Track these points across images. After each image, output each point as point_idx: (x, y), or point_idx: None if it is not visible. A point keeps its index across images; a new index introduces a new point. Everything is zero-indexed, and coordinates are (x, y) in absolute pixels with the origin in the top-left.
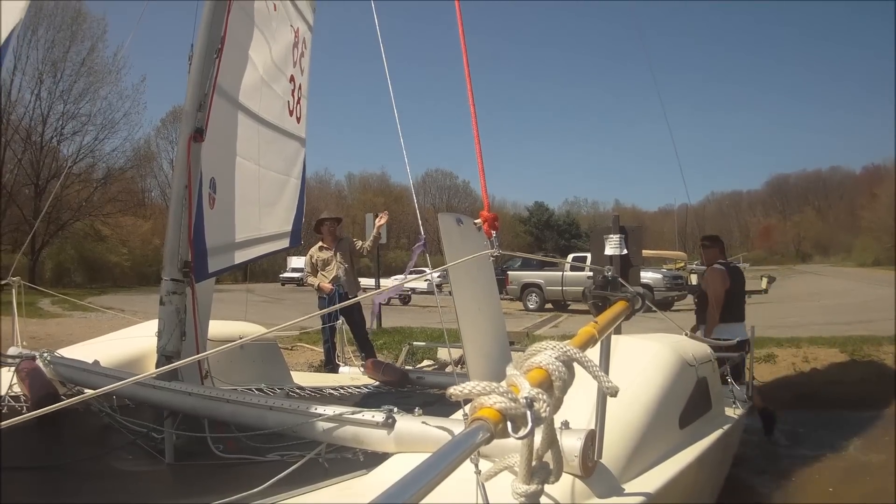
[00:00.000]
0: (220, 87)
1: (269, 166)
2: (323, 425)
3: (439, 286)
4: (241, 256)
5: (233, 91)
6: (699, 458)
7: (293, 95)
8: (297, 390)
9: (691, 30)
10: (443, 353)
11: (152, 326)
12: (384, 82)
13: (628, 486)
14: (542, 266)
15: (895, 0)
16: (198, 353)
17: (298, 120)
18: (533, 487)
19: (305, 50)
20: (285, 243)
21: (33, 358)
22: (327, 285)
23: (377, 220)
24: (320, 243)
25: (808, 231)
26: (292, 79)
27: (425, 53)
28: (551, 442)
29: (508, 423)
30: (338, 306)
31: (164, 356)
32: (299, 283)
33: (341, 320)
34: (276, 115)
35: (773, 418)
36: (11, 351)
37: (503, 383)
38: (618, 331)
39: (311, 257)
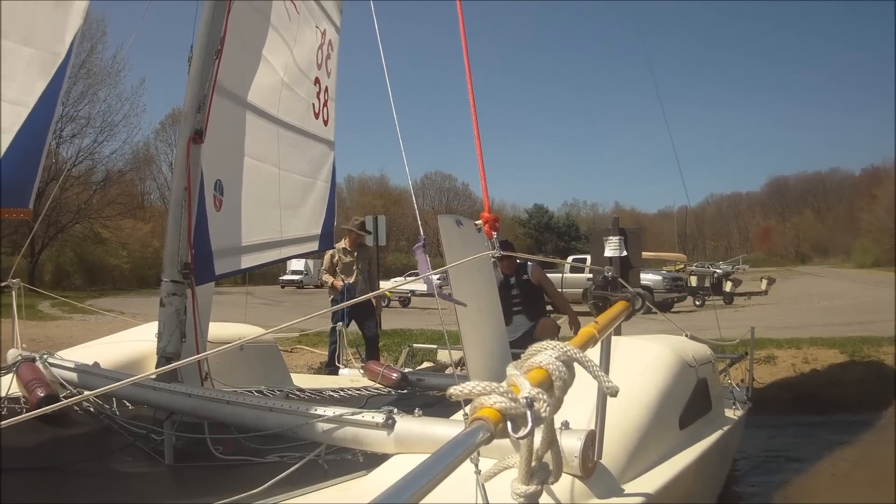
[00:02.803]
0: (225, 89)
1: (291, 169)
2: (323, 426)
3: (439, 287)
4: (258, 259)
5: (242, 92)
6: (699, 458)
7: (319, 98)
8: (297, 392)
9: (691, 31)
10: (443, 355)
11: (152, 329)
12: (383, 84)
13: (628, 487)
14: (541, 267)
15: (895, 0)
16: (198, 355)
17: (326, 123)
18: (532, 488)
19: (332, 52)
20: (314, 246)
21: (33, 360)
22: (339, 282)
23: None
24: (344, 246)
25: (807, 233)
26: (317, 81)
27: (424, 55)
28: (551, 442)
29: (508, 423)
30: (345, 304)
31: (164, 358)
32: (299, 285)
33: (343, 324)
34: (298, 117)
35: None
36: (11, 353)
37: (503, 383)
38: (618, 332)
39: (333, 257)
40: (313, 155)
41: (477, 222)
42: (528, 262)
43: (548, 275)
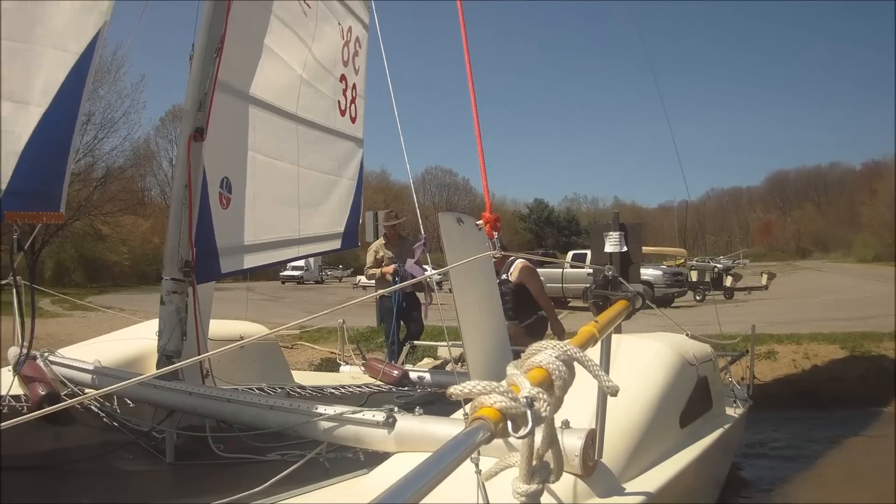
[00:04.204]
0: (232, 87)
1: (312, 166)
2: (324, 425)
3: (439, 283)
4: (272, 257)
5: (252, 90)
6: (700, 457)
7: (345, 95)
8: (298, 390)
9: (691, 27)
10: (443, 352)
11: (153, 326)
12: (383, 78)
13: (629, 486)
14: (541, 264)
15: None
16: (199, 353)
17: (354, 120)
18: (533, 487)
19: (360, 49)
20: (336, 244)
21: (34, 357)
22: (389, 268)
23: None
24: (383, 240)
25: (807, 227)
26: (343, 78)
27: (425, 49)
28: (552, 441)
29: (509, 423)
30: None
31: (165, 356)
32: (299, 281)
33: (342, 321)
34: (321, 114)
35: None
36: (12, 351)
37: (503, 383)
38: (618, 330)
39: (376, 252)
40: (339, 152)
41: (478, 222)
42: (514, 260)
43: (548, 270)
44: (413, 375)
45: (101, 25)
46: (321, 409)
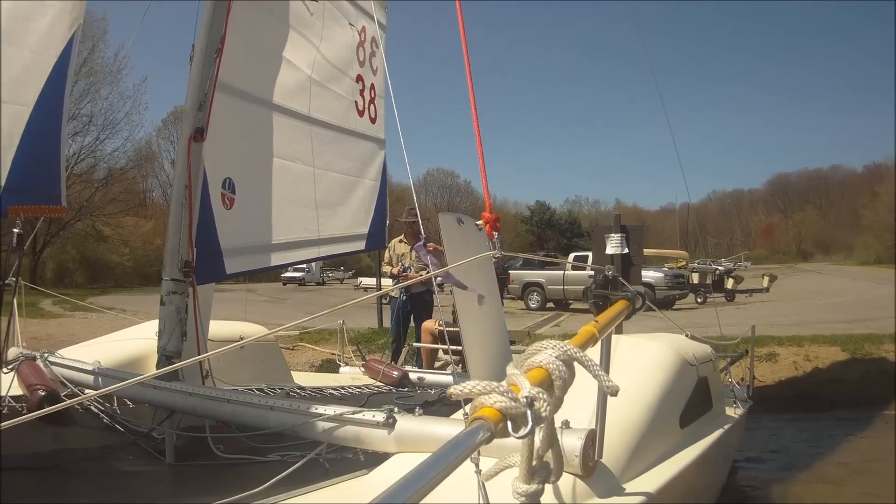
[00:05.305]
0: (234, 88)
1: (328, 167)
2: (323, 425)
3: (440, 286)
4: (286, 257)
5: (256, 90)
6: (700, 457)
7: (362, 95)
8: (298, 390)
9: (692, 29)
10: (443, 354)
11: (153, 327)
12: (384, 79)
13: (629, 486)
14: (543, 265)
15: (895, 0)
16: (199, 354)
17: (373, 120)
18: (533, 487)
19: (376, 49)
20: (360, 245)
21: (34, 358)
22: (395, 269)
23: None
24: (402, 238)
25: (809, 229)
26: (360, 78)
27: (426, 50)
28: (552, 441)
29: (509, 423)
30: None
31: (165, 356)
32: (301, 282)
33: (342, 322)
34: (338, 115)
35: None
36: (12, 351)
37: (503, 383)
38: (618, 330)
39: (391, 249)
40: (359, 153)
41: (478, 222)
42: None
43: (550, 272)
44: (413, 376)
45: (75, 28)
46: (321, 409)
